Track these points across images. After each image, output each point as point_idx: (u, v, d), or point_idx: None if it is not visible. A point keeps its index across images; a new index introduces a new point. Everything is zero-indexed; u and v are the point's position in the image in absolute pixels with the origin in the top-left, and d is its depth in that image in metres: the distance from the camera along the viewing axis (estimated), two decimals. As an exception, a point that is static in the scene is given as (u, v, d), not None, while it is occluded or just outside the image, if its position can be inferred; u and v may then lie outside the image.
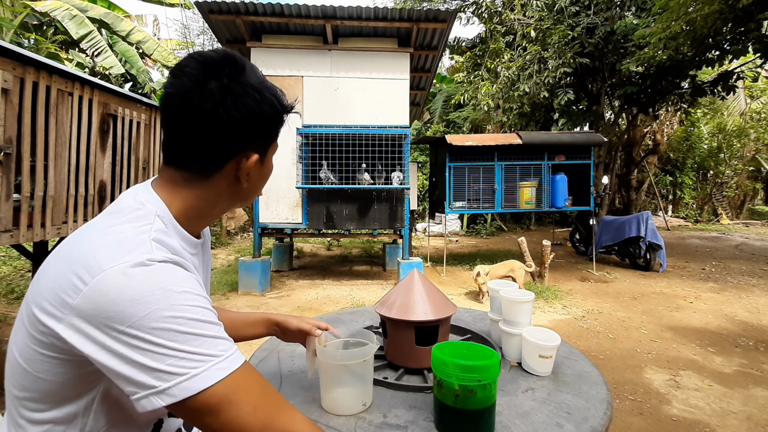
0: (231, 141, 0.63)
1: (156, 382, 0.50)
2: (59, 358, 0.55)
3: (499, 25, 7.51)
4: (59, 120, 1.63)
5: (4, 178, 1.36)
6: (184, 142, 0.62)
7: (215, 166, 0.64)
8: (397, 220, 4.69)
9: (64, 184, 1.68)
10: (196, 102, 0.59)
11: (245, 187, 0.68)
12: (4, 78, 1.35)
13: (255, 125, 0.64)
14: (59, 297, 0.52)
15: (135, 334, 0.50)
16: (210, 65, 0.61)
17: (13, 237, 1.44)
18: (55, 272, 0.55)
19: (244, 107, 0.61)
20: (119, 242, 0.55)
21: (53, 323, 0.52)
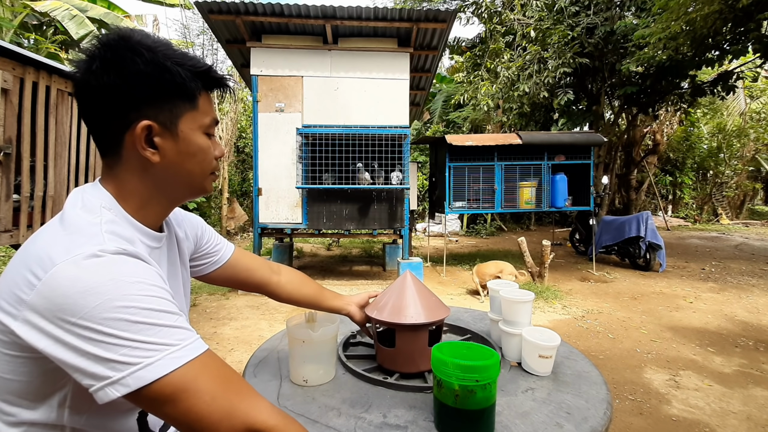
0: (114, 110, 0.60)
1: (110, 372, 0.49)
2: (22, 357, 0.55)
3: (499, 25, 7.51)
4: (59, 120, 1.63)
5: (4, 178, 1.36)
6: (86, 122, 0.61)
7: (114, 143, 0.62)
8: (397, 220, 4.69)
9: (64, 184, 1.68)
10: (84, 78, 0.59)
11: (160, 162, 0.63)
12: (4, 78, 1.35)
13: (133, 87, 0.59)
14: (14, 294, 0.52)
15: (87, 326, 0.49)
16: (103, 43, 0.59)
17: (13, 237, 1.44)
18: (11, 272, 0.55)
19: (116, 70, 0.58)
20: (71, 236, 0.55)
21: (9, 321, 0.52)
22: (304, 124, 4.57)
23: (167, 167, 0.64)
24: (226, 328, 3.38)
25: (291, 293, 1.08)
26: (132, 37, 0.60)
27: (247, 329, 3.37)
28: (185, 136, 0.65)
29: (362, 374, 1.01)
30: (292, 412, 0.86)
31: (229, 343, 3.07)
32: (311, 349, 0.98)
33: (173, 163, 0.65)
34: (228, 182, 8.48)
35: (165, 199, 0.68)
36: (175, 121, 0.63)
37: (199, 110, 0.65)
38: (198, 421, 0.52)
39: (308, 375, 0.98)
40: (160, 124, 0.61)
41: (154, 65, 0.59)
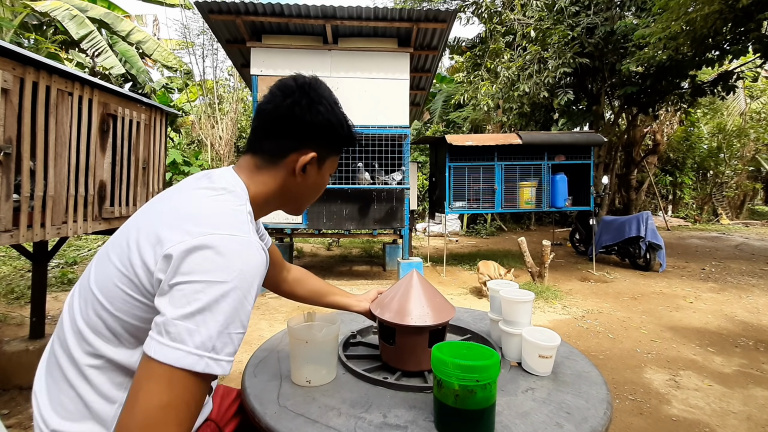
0: (298, 135, 0.77)
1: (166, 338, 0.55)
2: (142, 302, 0.62)
3: (499, 25, 7.51)
4: (59, 120, 1.63)
5: (4, 178, 1.36)
6: (265, 133, 0.78)
7: (279, 154, 0.78)
8: (397, 220, 4.69)
9: (64, 184, 1.68)
10: (282, 104, 0.76)
11: (299, 182, 0.80)
12: (4, 78, 1.35)
13: (319, 129, 0.78)
14: (161, 240, 0.60)
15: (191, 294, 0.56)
16: (301, 84, 0.78)
17: (13, 237, 1.44)
18: (160, 223, 0.63)
19: (315, 112, 0.77)
20: (227, 213, 0.65)
21: (151, 263, 0.60)
22: (304, 124, 4.58)
23: (299, 189, 0.81)
24: (226, 328, 3.38)
25: (301, 290, 1.16)
26: (324, 87, 0.81)
27: (248, 329, 3.37)
28: (323, 174, 0.83)
29: (362, 374, 1.01)
30: (292, 413, 0.86)
31: (229, 343, 3.07)
32: (314, 350, 0.98)
33: (305, 187, 0.82)
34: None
35: (275, 207, 0.83)
36: (324, 160, 0.82)
37: (337, 158, 0.85)
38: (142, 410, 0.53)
39: (311, 375, 0.98)
40: (318, 158, 0.80)
41: (336, 118, 0.79)
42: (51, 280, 4.50)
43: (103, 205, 1.94)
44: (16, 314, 3.54)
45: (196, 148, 10.58)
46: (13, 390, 2.25)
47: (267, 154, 0.78)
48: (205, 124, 8.64)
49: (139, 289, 0.61)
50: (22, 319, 3.42)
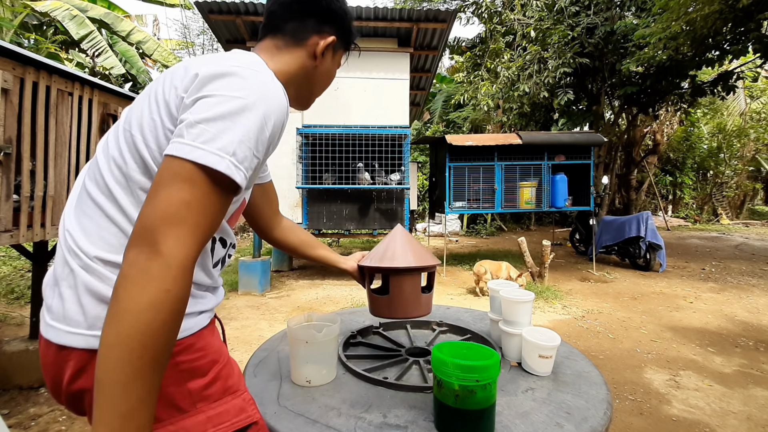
0: (321, 17, 0.81)
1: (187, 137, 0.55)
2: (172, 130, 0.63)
3: (499, 25, 7.51)
4: (59, 120, 1.63)
5: (4, 178, 1.36)
6: (291, 13, 0.81)
7: (300, 35, 0.80)
8: (397, 220, 4.69)
9: (64, 184, 1.68)
10: None
11: (317, 65, 0.84)
12: (4, 78, 1.35)
13: (338, 15, 0.84)
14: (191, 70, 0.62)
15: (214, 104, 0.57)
16: None
17: (13, 237, 1.44)
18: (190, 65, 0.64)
19: (339, 5, 0.83)
20: (255, 59, 0.69)
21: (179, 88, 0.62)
22: (305, 124, 4.57)
23: (316, 72, 0.85)
24: (226, 328, 3.38)
25: (293, 237, 1.12)
26: None
27: (247, 329, 3.37)
28: (334, 63, 0.88)
29: (362, 374, 1.01)
30: (292, 412, 0.86)
31: (229, 343, 3.07)
32: (314, 350, 0.98)
33: (322, 72, 0.86)
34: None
35: (290, 92, 0.82)
36: (338, 50, 0.87)
37: (343, 53, 0.90)
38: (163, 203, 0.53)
39: (311, 375, 0.98)
40: (331, 45, 0.83)
41: (350, 11, 0.87)
42: (51, 280, 4.50)
43: (103, 205, 1.94)
44: (16, 314, 3.54)
45: (196, 148, 10.58)
46: (13, 390, 2.25)
47: (289, 34, 0.81)
48: (205, 124, 8.65)
49: (171, 116, 0.62)
50: (22, 319, 3.42)
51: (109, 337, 0.49)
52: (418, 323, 1.51)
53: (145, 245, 0.52)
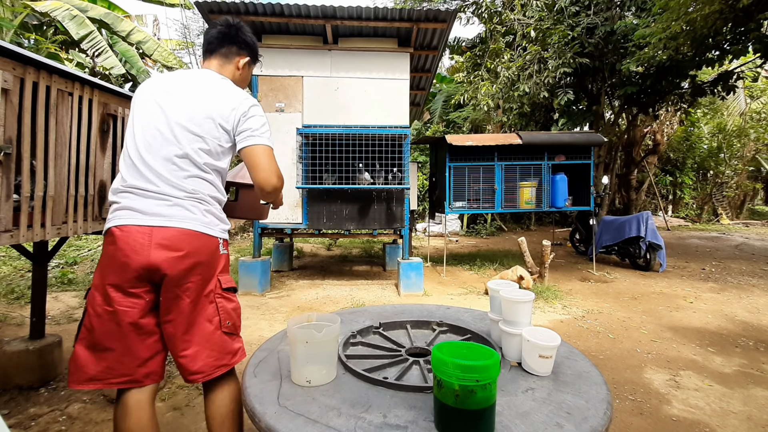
0: (239, 46, 1.46)
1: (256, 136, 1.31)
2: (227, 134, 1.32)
3: (499, 25, 7.51)
4: (59, 120, 1.63)
5: (4, 178, 1.36)
6: (221, 44, 1.44)
7: (232, 55, 1.45)
8: (397, 220, 4.69)
9: (64, 184, 1.68)
10: (229, 30, 1.44)
11: (239, 74, 1.49)
12: (4, 78, 1.35)
13: (249, 45, 1.49)
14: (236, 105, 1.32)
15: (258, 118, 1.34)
16: (237, 22, 1.49)
17: (13, 237, 1.43)
18: (225, 98, 1.33)
19: (248, 35, 1.48)
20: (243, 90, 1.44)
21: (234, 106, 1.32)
22: (304, 124, 4.57)
23: (240, 78, 1.49)
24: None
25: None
26: (239, 23, 1.50)
27: (247, 329, 3.37)
28: (249, 71, 1.53)
29: (362, 374, 1.01)
30: (292, 412, 0.86)
31: (229, 343, 3.07)
32: (314, 350, 0.98)
33: (241, 77, 1.49)
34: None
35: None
36: (251, 65, 1.53)
37: (254, 66, 1.57)
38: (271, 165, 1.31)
39: (311, 375, 0.98)
40: (248, 62, 1.50)
41: (255, 43, 1.52)
42: (51, 280, 4.50)
43: (103, 205, 1.94)
44: (16, 314, 3.54)
45: (196, 148, 10.57)
46: (13, 390, 2.25)
47: (223, 56, 1.45)
48: (205, 124, 8.65)
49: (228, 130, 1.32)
50: (22, 319, 3.42)
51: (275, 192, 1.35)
52: (418, 323, 1.51)
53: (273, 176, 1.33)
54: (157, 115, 1.25)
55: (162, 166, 1.20)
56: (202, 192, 1.25)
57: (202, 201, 1.25)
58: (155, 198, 1.19)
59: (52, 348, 2.41)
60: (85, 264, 5.29)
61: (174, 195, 1.20)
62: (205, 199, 1.26)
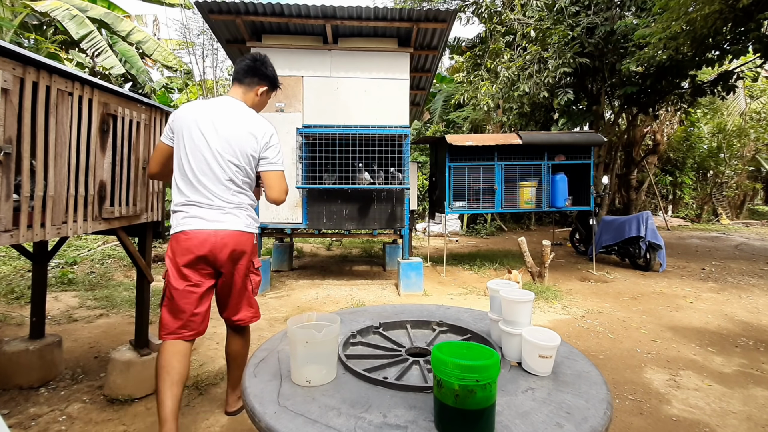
0: (260, 78, 1.88)
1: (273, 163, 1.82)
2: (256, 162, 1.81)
3: (499, 25, 7.51)
4: (59, 120, 1.63)
5: (4, 178, 1.36)
6: (246, 75, 1.86)
7: (253, 85, 1.87)
8: (397, 220, 4.69)
9: (64, 184, 1.68)
10: (254, 63, 1.87)
11: (258, 100, 1.91)
12: (4, 78, 1.35)
13: (268, 77, 1.91)
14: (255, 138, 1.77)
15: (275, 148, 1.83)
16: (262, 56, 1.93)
17: (13, 237, 1.43)
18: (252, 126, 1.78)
19: (269, 69, 1.91)
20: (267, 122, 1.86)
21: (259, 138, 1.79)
22: (304, 124, 4.57)
23: (257, 102, 1.91)
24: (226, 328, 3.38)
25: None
26: (270, 62, 1.95)
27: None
28: (266, 98, 1.96)
29: (362, 374, 1.01)
30: (292, 412, 0.86)
31: (229, 343, 3.07)
32: (314, 350, 0.98)
33: (258, 102, 1.92)
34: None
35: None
36: (269, 93, 1.95)
37: (272, 94, 1.99)
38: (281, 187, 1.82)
39: (311, 375, 0.98)
40: (266, 90, 1.92)
41: (275, 74, 1.95)
42: (51, 280, 4.50)
43: (103, 205, 1.94)
44: (16, 314, 3.54)
45: (196, 148, 10.57)
46: (13, 390, 2.25)
47: (247, 85, 1.87)
48: (205, 124, 8.65)
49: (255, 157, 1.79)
50: (22, 319, 3.42)
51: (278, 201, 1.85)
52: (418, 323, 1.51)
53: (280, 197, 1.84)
54: (204, 146, 1.71)
55: (215, 187, 1.71)
56: (244, 203, 1.79)
57: (244, 209, 1.79)
58: (213, 209, 1.71)
59: (52, 348, 2.41)
60: (85, 264, 5.29)
61: (225, 207, 1.73)
62: (245, 207, 1.80)
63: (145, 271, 2.34)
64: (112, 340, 3.05)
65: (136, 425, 1.99)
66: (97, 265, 5.28)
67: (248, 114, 1.79)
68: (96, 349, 2.89)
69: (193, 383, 2.41)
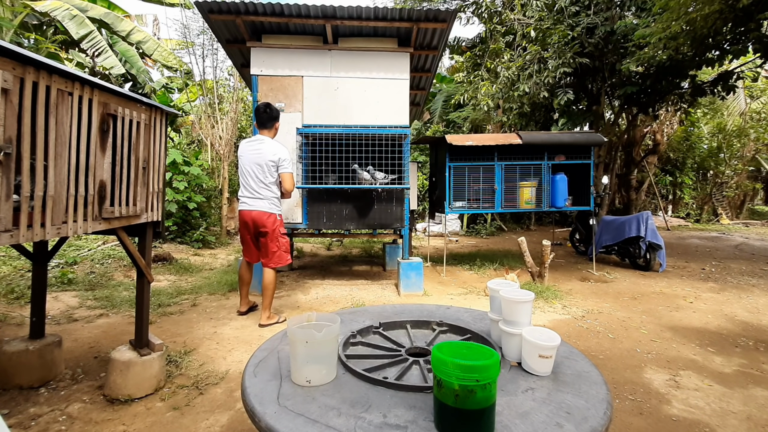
0: (274, 119, 3.56)
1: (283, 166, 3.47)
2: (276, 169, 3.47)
3: (499, 25, 7.51)
4: (59, 120, 1.63)
5: (4, 178, 1.36)
6: (264, 120, 3.53)
7: (270, 125, 3.55)
8: (397, 220, 4.69)
9: (64, 184, 1.68)
10: (266, 110, 3.54)
11: (275, 132, 3.60)
12: (4, 78, 1.35)
13: (277, 117, 3.60)
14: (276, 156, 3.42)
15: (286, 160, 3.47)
16: (268, 103, 3.60)
17: (13, 237, 1.43)
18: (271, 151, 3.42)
19: (275, 112, 3.58)
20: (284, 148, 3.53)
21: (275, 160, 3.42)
22: (304, 124, 4.57)
23: (276, 133, 3.62)
24: (226, 328, 3.38)
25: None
26: (270, 104, 3.57)
27: (247, 329, 3.37)
28: (278, 127, 3.66)
29: (362, 374, 1.01)
30: (292, 412, 0.86)
31: (229, 343, 3.07)
32: (314, 350, 0.98)
33: (276, 133, 3.62)
34: (228, 182, 8.49)
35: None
36: (279, 125, 3.68)
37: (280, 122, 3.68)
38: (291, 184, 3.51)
39: (311, 375, 0.98)
40: (278, 124, 3.63)
41: (278, 111, 3.63)
42: (51, 280, 4.50)
43: (103, 205, 1.94)
44: (16, 314, 3.54)
45: (196, 148, 10.58)
46: (13, 390, 2.25)
47: (266, 128, 3.54)
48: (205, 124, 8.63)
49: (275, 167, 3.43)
50: (22, 319, 3.42)
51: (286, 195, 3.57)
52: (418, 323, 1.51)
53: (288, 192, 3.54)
54: (247, 162, 3.41)
55: (254, 183, 3.38)
56: (269, 195, 3.40)
57: (268, 199, 3.39)
58: (251, 198, 3.40)
59: (52, 348, 2.41)
60: (85, 264, 5.29)
61: (257, 197, 3.38)
62: (269, 197, 3.40)
63: (145, 271, 2.34)
64: (112, 340, 3.05)
65: (136, 425, 1.99)
66: (97, 265, 5.28)
67: (273, 143, 3.46)
68: (96, 349, 2.89)
69: (193, 383, 2.41)
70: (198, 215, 7.50)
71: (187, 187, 7.20)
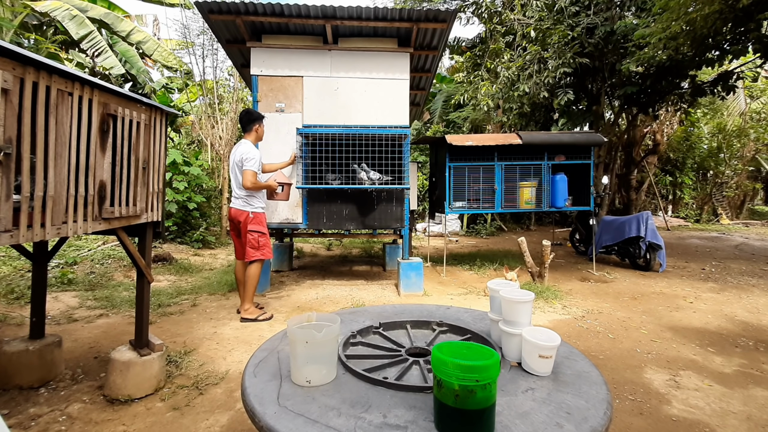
0: (254, 121, 3.75)
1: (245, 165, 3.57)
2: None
3: (499, 25, 7.51)
4: (59, 120, 1.63)
5: (4, 178, 1.36)
6: (247, 123, 3.74)
7: (251, 127, 3.75)
8: (397, 220, 4.69)
9: (64, 184, 1.68)
10: (246, 114, 3.78)
11: (256, 135, 3.78)
12: (4, 78, 1.35)
13: (257, 118, 3.78)
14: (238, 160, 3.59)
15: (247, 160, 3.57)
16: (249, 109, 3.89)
17: (13, 237, 1.43)
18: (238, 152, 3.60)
19: (257, 114, 3.82)
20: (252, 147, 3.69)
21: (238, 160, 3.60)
22: (305, 124, 4.57)
23: (261, 135, 3.86)
24: (226, 328, 3.38)
25: None
26: (250, 109, 3.89)
27: (247, 329, 3.37)
28: (263, 129, 3.87)
29: (362, 374, 1.01)
30: (292, 412, 0.86)
31: (229, 343, 3.07)
32: (314, 350, 0.98)
33: (258, 135, 3.82)
34: (228, 182, 8.49)
35: (255, 141, 3.83)
36: (261, 125, 3.83)
37: (263, 126, 3.87)
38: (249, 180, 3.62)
39: (311, 375, 0.98)
40: (260, 125, 3.81)
41: (258, 114, 3.83)
42: (51, 280, 4.50)
43: (103, 205, 1.93)
44: (16, 314, 3.54)
45: (196, 148, 10.58)
46: (13, 390, 2.25)
47: (246, 131, 3.76)
48: (205, 124, 8.63)
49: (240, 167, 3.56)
50: (22, 319, 3.42)
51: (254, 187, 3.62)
52: (418, 323, 1.51)
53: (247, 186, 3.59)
54: (230, 165, 3.70)
55: (234, 184, 3.66)
56: (242, 194, 3.61)
57: (242, 198, 3.62)
58: (233, 198, 3.68)
59: (52, 348, 2.41)
60: (85, 264, 5.29)
61: (235, 196, 3.65)
62: (242, 196, 3.61)
63: (145, 271, 2.34)
64: (112, 340, 3.05)
65: (136, 425, 1.99)
66: (97, 265, 5.28)
67: (245, 143, 3.65)
68: (96, 349, 2.89)
69: (193, 383, 2.41)
70: (198, 215, 7.50)
71: (187, 188, 7.20)
